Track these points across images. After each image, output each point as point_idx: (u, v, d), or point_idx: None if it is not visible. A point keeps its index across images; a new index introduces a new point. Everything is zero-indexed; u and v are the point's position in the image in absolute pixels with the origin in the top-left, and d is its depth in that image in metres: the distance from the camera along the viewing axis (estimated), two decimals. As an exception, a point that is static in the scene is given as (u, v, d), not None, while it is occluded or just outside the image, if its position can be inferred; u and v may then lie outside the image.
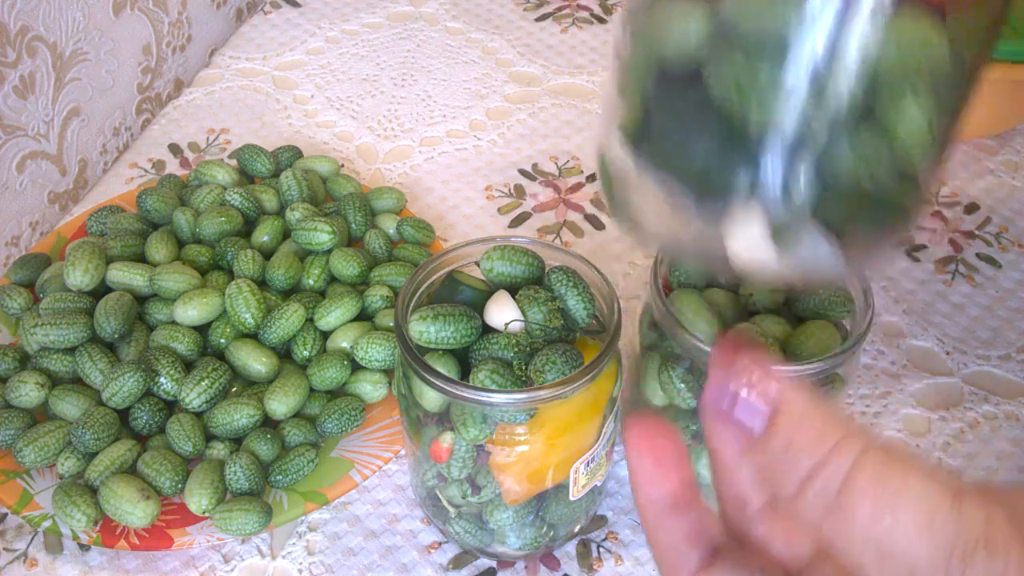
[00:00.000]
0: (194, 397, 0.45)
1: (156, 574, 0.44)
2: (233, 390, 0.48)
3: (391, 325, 0.50)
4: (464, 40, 0.79)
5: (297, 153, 0.62)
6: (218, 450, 0.45)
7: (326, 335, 0.50)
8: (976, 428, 0.50)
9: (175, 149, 0.68)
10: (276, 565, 0.45)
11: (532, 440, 0.38)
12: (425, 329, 0.38)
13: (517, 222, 0.63)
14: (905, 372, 0.53)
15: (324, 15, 0.81)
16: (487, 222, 0.63)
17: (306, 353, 0.48)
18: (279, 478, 0.44)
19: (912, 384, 0.52)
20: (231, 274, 0.52)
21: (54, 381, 0.48)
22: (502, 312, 0.39)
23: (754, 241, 0.23)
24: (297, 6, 0.82)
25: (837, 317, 0.41)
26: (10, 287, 0.52)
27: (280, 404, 0.46)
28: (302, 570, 0.45)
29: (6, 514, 0.47)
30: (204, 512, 0.43)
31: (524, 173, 0.66)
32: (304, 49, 0.78)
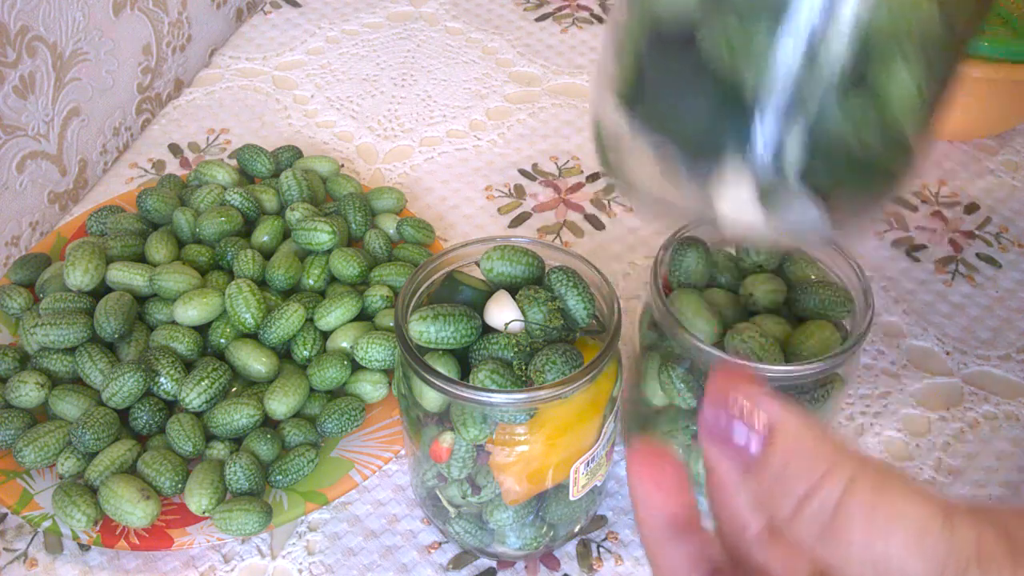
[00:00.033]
0: (194, 397, 0.45)
1: (156, 574, 0.44)
2: (233, 390, 0.48)
3: (391, 325, 0.50)
4: (464, 40, 0.79)
5: (297, 153, 0.62)
6: (218, 450, 0.45)
7: (326, 335, 0.50)
8: (976, 428, 0.50)
9: (175, 149, 0.68)
10: (276, 565, 0.45)
11: (532, 440, 0.38)
12: (425, 329, 0.38)
13: (517, 222, 0.63)
14: (905, 372, 0.53)
15: (324, 15, 0.81)
16: (487, 222, 0.63)
17: (306, 353, 0.48)
18: (279, 478, 0.44)
19: (912, 384, 0.52)
20: (231, 274, 0.52)
21: (54, 381, 0.48)
22: (502, 312, 0.39)
23: (742, 203, 0.23)
24: (297, 6, 0.82)
25: (837, 317, 0.41)
26: (10, 287, 0.52)
27: (280, 404, 0.46)
28: (302, 570, 0.45)
29: (6, 514, 0.47)
30: (204, 512, 0.43)
31: (524, 173, 0.66)
32: (304, 49, 0.78)
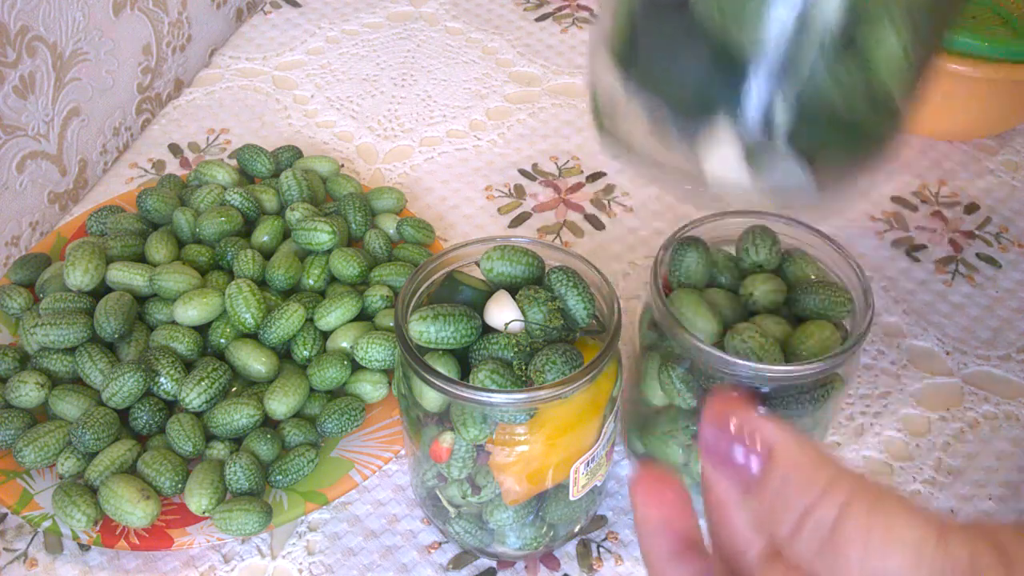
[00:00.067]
0: (194, 397, 0.45)
1: (156, 574, 0.44)
2: (233, 390, 0.48)
3: (391, 325, 0.50)
4: (464, 40, 0.79)
5: (297, 153, 0.62)
6: (218, 450, 0.45)
7: (326, 335, 0.50)
8: (976, 428, 0.50)
9: (175, 149, 0.68)
10: (276, 565, 0.45)
11: (532, 440, 0.38)
12: (425, 329, 0.38)
13: (517, 222, 0.63)
14: (905, 372, 0.53)
15: (324, 15, 0.81)
16: (487, 222, 0.63)
17: (306, 353, 0.48)
18: (279, 478, 0.44)
19: (912, 384, 0.52)
20: (231, 274, 0.52)
21: (54, 381, 0.48)
22: (502, 312, 0.39)
23: (730, 162, 0.24)
24: (297, 6, 0.82)
25: (837, 317, 0.41)
26: (10, 287, 0.52)
27: (280, 404, 0.46)
28: (302, 570, 0.45)
29: (6, 514, 0.47)
30: (204, 512, 0.43)
31: (524, 173, 0.66)
32: (304, 49, 0.78)
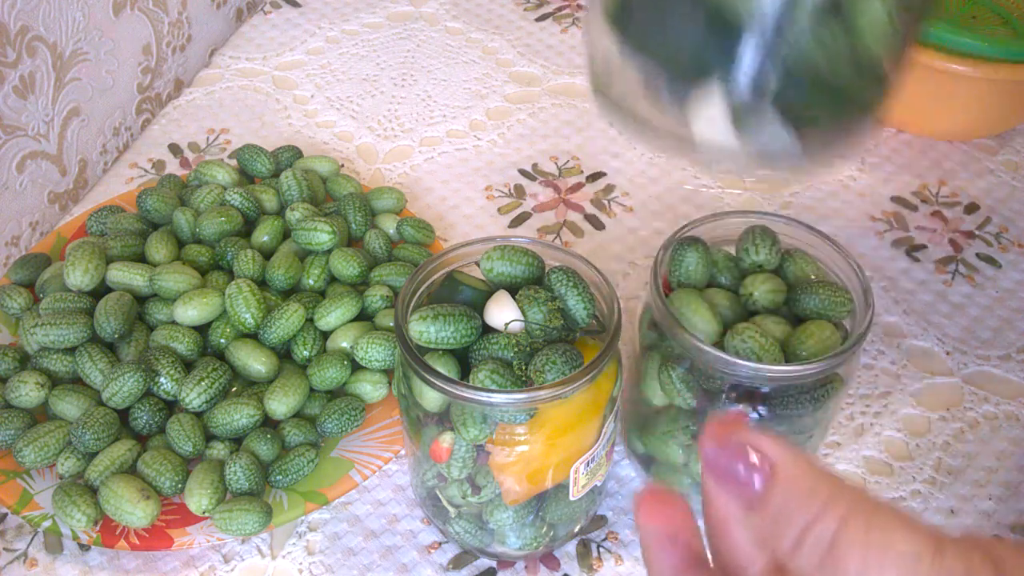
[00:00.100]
0: (194, 397, 0.45)
1: (156, 574, 0.44)
2: (233, 390, 0.48)
3: (391, 325, 0.50)
4: (464, 40, 0.79)
5: (297, 153, 0.62)
6: (218, 450, 0.45)
7: (326, 335, 0.50)
8: (976, 428, 0.50)
9: (175, 149, 0.68)
10: (276, 565, 0.45)
11: (532, 440, 0.38)
12: (425, 329, 0.38)
13: (517, 222, 0.63)
14: (905, 372, 0.53)
15: (324, 15, 0.81)
16: (487, 222, 0.63)
17: (306, 353, 0.48)
18: (279, 478, 0.44)
19: (912, 384, 0.52)
20: (231, 274, 0.52)
21: (54, 381, 0.48)
22: (502, 312, 0.39)
23: (716, 124, 0.24)
24: (297, 6, 0.82)
25: (837, 317, 0.41)
26: (10, 287, 0.52)
27: (280, 404, 0.46)
28: (302, 570, 0.45)
29: (6, 514, 0.47)
30: (204, 512, 0.43)
31: (524, 173, 0.66)
32: (304, 49, 0.78)
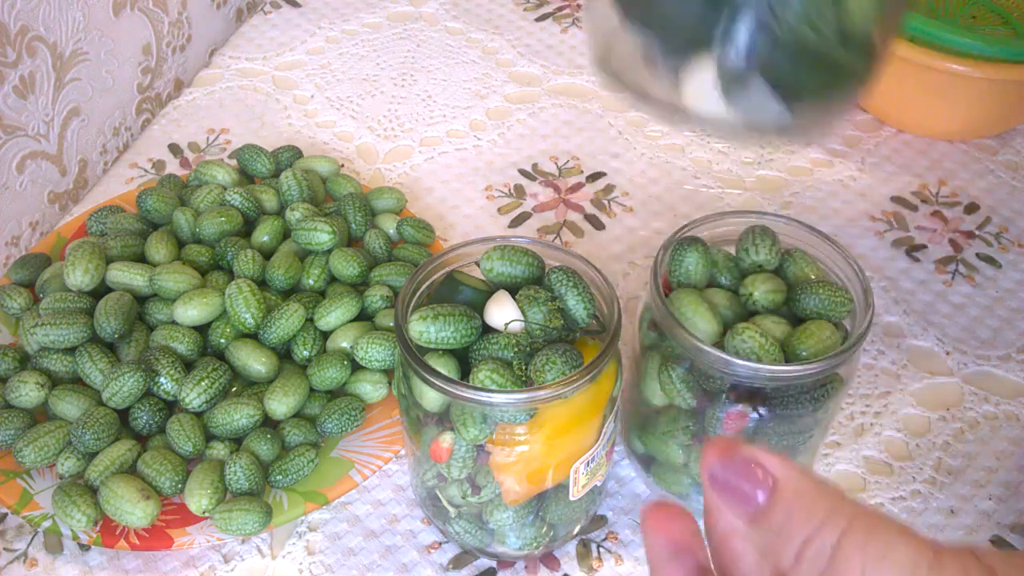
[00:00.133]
0: (194, 397, 0.45)
1: (156, 574, 0.44)
2: (233, 390, 0.48)
3: (391, 325, 0.50)
4: (464, 40, 0.79)
5: (297, 153, 0.62)
6: (218, 450, 0.45)
7: (326, 335, 0.50)
8: (976, 428, 0.50)
9: (175, 149, 0.68)
10: (276, 565, 0.45)
11: (532, 440, 0.38)
12: (425, 329, 0.38)
13: (517, 222, 0.63)
14: (905, 372, 0.53)
15: (324, 15, 0.81)
16: (487, 222, 0.63)
17: (306, 353, 0.48)
18: (279, 478, 0.44)
19: (912, 384, 0.52)
20: (231, 274, 0.52)
21: (54, 381, 0.48)
22: (502, 312, 0.39)
23: (707, 92, 0.25)
24: (297, 6, 0.82)
25: (837, 317, 0.41)
26: (10, 287, 0.52)
27: (280, 404, 0.46)
28: (302, 570, 0.45)
29: (6, 514, 0.47)
30: (204, 512, 0.43)
31: (524, 173, 0.66)
32: (304, 49, 0.78)
